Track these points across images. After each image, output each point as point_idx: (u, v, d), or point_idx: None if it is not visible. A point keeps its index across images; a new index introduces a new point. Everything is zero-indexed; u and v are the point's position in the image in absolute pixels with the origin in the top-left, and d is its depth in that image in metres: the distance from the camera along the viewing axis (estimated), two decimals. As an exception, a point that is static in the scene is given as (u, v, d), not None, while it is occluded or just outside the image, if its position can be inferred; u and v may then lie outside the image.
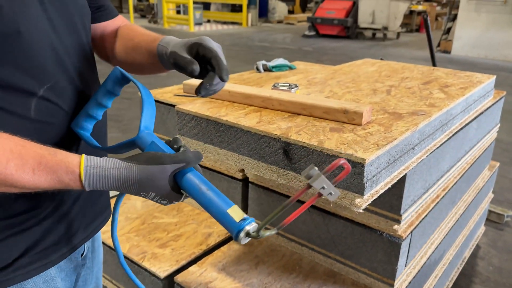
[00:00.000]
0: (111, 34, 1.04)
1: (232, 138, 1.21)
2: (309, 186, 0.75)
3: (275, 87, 1.47)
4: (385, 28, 12.08)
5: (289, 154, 1.10)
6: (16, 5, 0.70)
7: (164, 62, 0.92)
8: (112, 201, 1.02)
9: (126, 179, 0.73)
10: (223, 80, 0.84)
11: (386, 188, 1.11)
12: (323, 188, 0.75)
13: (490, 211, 2.96)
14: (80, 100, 0.87)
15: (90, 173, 0.72)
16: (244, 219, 0.77)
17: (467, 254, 2.41)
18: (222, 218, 0.78)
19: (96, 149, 0.89)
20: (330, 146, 1.03)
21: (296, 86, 1.47)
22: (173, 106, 1.82)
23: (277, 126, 1.16)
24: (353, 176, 1.00)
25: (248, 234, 0.77)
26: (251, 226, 0.77)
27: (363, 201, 1.01)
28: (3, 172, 0.66)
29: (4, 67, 0.71)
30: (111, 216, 0.99)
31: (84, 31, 0.89)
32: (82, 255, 0.99)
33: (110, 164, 0.74)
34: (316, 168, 0.74)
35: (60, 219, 0.87)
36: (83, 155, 0.74)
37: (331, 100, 1.28)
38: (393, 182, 1.14)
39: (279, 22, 16.90)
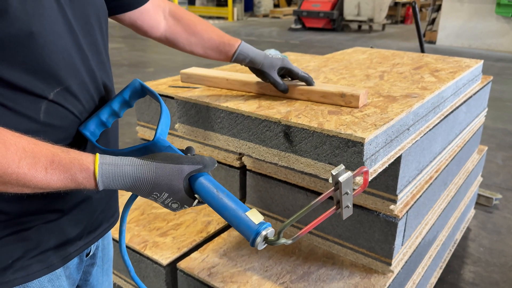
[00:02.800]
0: (153, 18, 1.10)
1: (232, 124, 1.23)
2: (336, 189, 0.74)
3: (271, 74, 1.49)
4: (371, 20, 12.16)
5: (289, 137, 1.13)
6: (29, 5, 0.68)
7: (238, 62, 1.20)
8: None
9: (141, 177, 0.72)
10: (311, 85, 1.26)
11: (384, 167, 1.14)
12: (347, 194, 0.74)
13: (479, 195, 3.04)
14: (92, 105, 0.85)
15: (105, 170, 0.70)
16: (261, 223, 0.74)
17: (458, 236, 2.47)
18: (239, 222, 0.75)
19: (105, 153, 0.86)
20: (330, 127, 1.06)
21: (292, 73, 1.50)
22: (169, 97, 1.83)
23: (277, 110, 1.19)
24: (353, 155, 1.03)
25: (266, 239, 0.74)
26: (268, 231, 0.74)
27: (363, 179, 1.05)
28: (15, 172, 0.64)
29: (14, 69, 0.69)
30: (118, 222, 0.94)
31: (100, 33, 0.87)
32: (87, 255, 0.97)
33: (125, 161, 0.72)
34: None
35: (63, 222, 0.84)
36: (97, 153, 0.72)
37: (328, 84, 1.31)
38: (390, 162, 1.17)
39: (265, 16, 16.90)
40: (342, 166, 0.75)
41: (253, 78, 1.37)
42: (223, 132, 1.26)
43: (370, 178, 1.09)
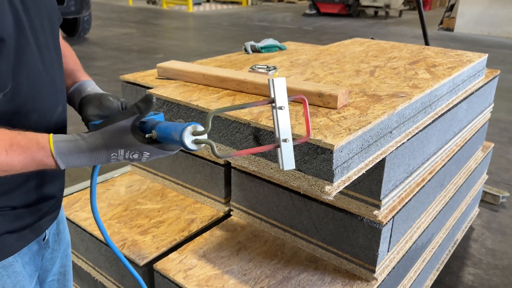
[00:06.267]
0: None
1: (203, 124, 1.17)
2: (272, 101, 0.73)
3: (252, 69, 1.42)
4: (387, 6, 11.86)
5: (259, 140, 1.06)
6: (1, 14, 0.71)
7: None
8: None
9: (94, 145, 0.77)
10: None
11: (360, 174, 1.07)
12: (281, 108, 0.72)
13: (485, 192, 2.92)
14: (45, 101, 0.85)
15: (59, 147, 0.74)
16: (193, 123, 0.75)
17: (459, 236, 2.38)
18: (172, 127, 0.75)
19: None
20: (299, 131, 0.99)
21: (275, 68, 1.42)
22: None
23: (249, 111, 1.12)
24: (322, 162, 0.96)
25: (194, 133, 0.74)
26: (197, 128, 0.74)
27: (333, 188, 0.97)
28: None
29: None
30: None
31: (51, 35, 0.88)
32: (44, 239, 0.99)
33: (77, 137, 0.78)
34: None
35: (14, 211, 0.86)
36: (51, 134, 0.77)
37: (307, 82, 1.23)
38: (368, 168, 1.10)
39: (280, 0, 16.63)
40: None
41: (231, 74, 1.30)
42: (194, 132, 1.20)
43: (342, 187, 1.01)
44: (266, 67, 1.42)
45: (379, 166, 1.23)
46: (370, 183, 1.28)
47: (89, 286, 1.87)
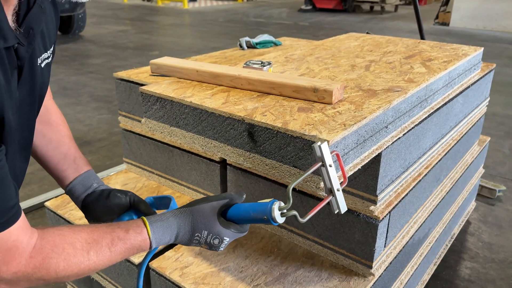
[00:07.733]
0: None
1: (197, 121, 1.16)
2: (322, 163, 0.85)
3: (247, 65, 1.40)
4: (383, 1, 11.84)
5: (254, 136, 1.05)
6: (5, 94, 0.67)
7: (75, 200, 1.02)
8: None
9: (183, 222, 0.82)
10: None
11: (356, 169, 1.06)
12: (331, 166, 0.85)
13: (481, 186, 2.93)
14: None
15: (155, 227, 0.79)
16: (272, 201, 0.84)
17: (456, 230, 2.38)
18: (255, 210, 0.85)
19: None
20: (294, 127, 0.98)
21: (269, 64, 1.41)
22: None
23: (243, 107, 1.11)
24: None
25: (280, 210, 0.83)
26: (280, 203, 0.84)
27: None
28: (87, 264, 0.71)
29: None
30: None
31: (37, 112, 0.85)
32: None
33: (167, 215, 0.82)
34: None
35: None
36: (142, 216, 0.82)
37: (302, 78, 1.22)
38: (363, 163, 1.09)
39: (276, -4, 16.57)
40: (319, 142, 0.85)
41: (225, 70, 1.28)
42: (188, 129, 1.19)
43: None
44: (260, 62, 1.40)
45: (375, 161, 1.23)
46: (366, 179, 1.27)
47: (85, 284, 1.86)
